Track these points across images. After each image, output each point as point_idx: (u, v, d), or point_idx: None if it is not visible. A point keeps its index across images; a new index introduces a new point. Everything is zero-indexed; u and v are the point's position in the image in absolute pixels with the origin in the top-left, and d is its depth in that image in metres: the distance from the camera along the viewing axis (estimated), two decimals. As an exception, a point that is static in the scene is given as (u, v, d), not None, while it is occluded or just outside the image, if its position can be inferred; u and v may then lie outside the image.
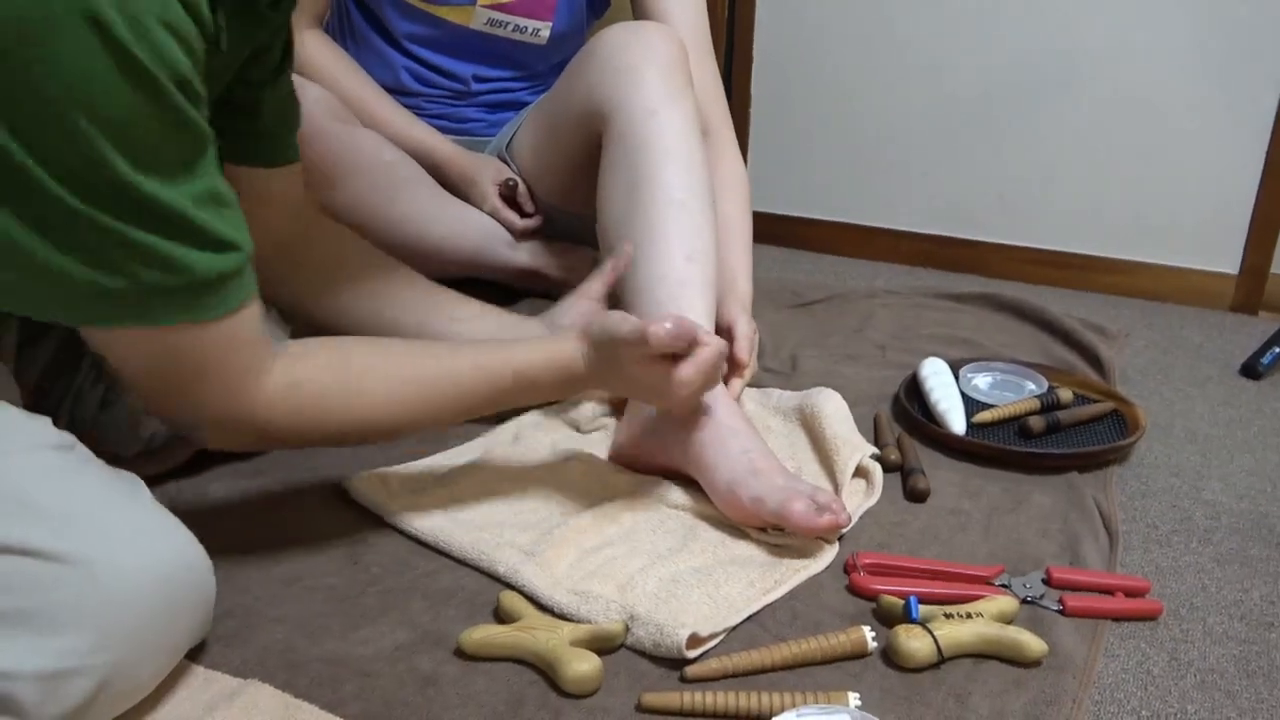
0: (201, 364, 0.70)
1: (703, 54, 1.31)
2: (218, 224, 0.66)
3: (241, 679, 0.71)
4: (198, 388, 0.71)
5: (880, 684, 0.73)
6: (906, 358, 1.33)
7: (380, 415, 0.81)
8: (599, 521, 0.90)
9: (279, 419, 0.75)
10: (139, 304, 0.65)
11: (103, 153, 0.58)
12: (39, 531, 0.59)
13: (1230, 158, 1.64)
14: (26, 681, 0.58)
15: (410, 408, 0.82)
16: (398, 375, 0.81)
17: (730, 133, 1.33)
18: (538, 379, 0.86)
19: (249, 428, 0.75)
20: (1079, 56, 1.69)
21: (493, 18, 1.38)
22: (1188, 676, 0.76)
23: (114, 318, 0.65)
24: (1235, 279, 1.68)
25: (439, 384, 0.83)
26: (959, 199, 1.87)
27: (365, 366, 0.80)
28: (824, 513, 0.84)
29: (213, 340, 0.69)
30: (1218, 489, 1.05)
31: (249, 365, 0.73)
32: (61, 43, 0.55)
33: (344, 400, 0.78)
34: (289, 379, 0.75)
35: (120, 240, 0.61)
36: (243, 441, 0.78)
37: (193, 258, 0.65)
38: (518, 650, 0.74)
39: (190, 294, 0.66)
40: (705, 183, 1.08)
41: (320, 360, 0.78)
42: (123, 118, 0.58)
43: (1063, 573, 0.85)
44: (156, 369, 0.70)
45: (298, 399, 0.76)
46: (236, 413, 0.73)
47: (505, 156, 1.42)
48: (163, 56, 0.59)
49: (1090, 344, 1.36)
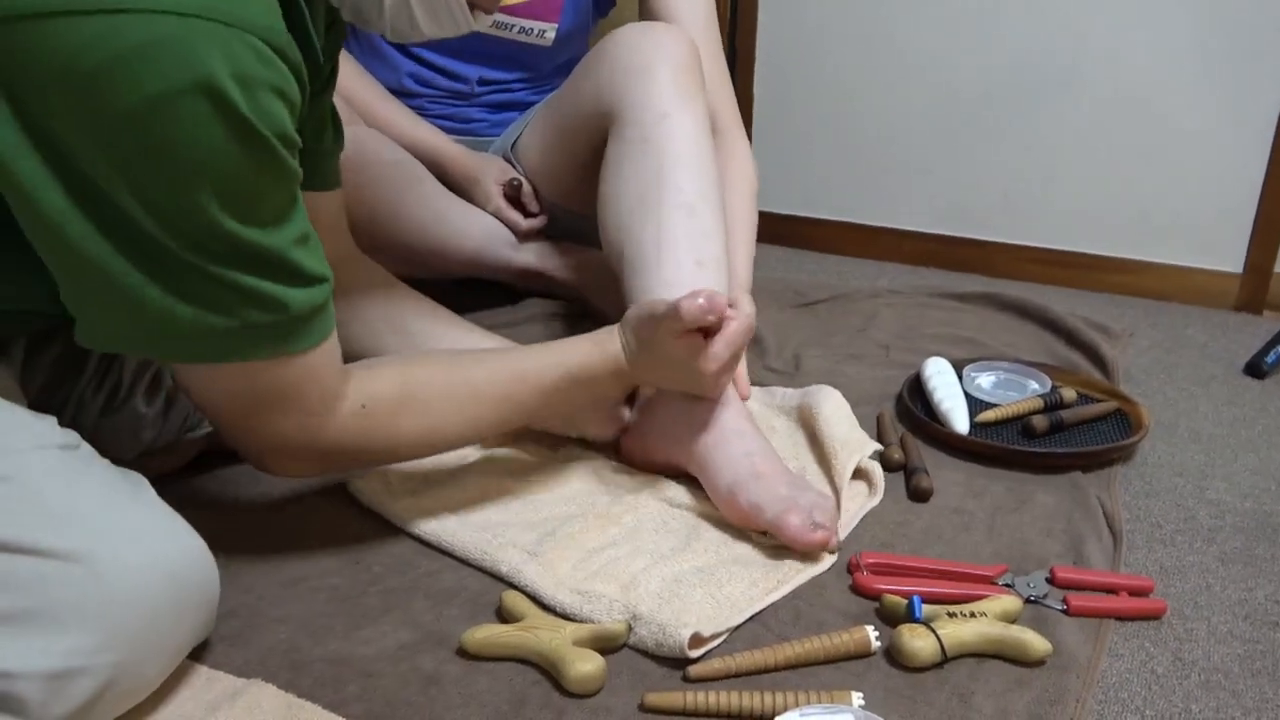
0: (284, 393, 0.72)
1: (712, 52, 1.31)
2: (310, 260, 0.69)
3: (244, 679, 0.71)
4: (278, 417, 0.73)
5: (884, 683, 0.73)
6: (910, 357, 1.33)
7: (449, 429, 0.84)
8: (601, 521, 0.90)
9: (350, 442, 0.78)
10: (240, 341, 0.67)
11: (217, 213, 0.61)
12: (45, 530, 0.60)
13: (1234, 157, 1.63)
14: (31, 680, 0.58)
15: (475, 419, 0.85)
16: (461, 388, 0.84)
17: (740, 131, 1.33)
18: (591, 374, 0.89)
19: (322, 452, 0.77)
20: (1083, 55, 1.69)
21: (498, 19, 1.37)
22: (1192, 676, 0.76)
23: (215, 355, 0.68)
24: (1239, 278, 1.68)
25: (500, 392, 0.85)
26: (962, 198, 1.87)
27: (429, 383, 0.82)
28: (818, 530, 0.84)
29: (298, 371, 0.72)
30: (1222, 488, 1.04)
31: (327, 393, 0.75)
32: (184, 113, 0.57)
33: (413, 420, 0.81)
34: (360, 401, 0.78)
35: (229, 285, 0.64)
36: (315, 466, 0.80)
37: (290, 294, 0.68)
38: (521, 650, 0.74)
39: (287, 328, 0.69)
40: (716, 188, 1.08)
41: (386, 380, 0.80)
42: (235, 178, 0.61)
43: (1066, 572, 0.85)
44: (241, 399, 0.72)
45: (370, 422, 0.78)
46: (311, 439, 0.76)
47: (510, 157, 1.42)
48: (272, 119, 0.62)
49: (1094, 343, 1.36)
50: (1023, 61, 1.74)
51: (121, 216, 0.60)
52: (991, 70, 1.77)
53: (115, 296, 0.63)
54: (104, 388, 0.89)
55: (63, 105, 0.56)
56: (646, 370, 0.91)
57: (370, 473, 0.97)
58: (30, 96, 0.56)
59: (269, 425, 0.74)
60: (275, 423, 0.74)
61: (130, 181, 0.59)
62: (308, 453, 0.77)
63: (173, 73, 0.56)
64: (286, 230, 0.67)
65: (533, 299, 1.50)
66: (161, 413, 0.93)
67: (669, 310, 0.86)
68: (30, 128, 0.57)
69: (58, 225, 0.60)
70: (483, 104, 1.47)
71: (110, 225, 0.60)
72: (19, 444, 0.63)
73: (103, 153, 0.58)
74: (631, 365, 0.90)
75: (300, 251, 0.68)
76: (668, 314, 0.86)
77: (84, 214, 0.60)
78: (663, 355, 0.89)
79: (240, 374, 0.70)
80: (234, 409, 0.73)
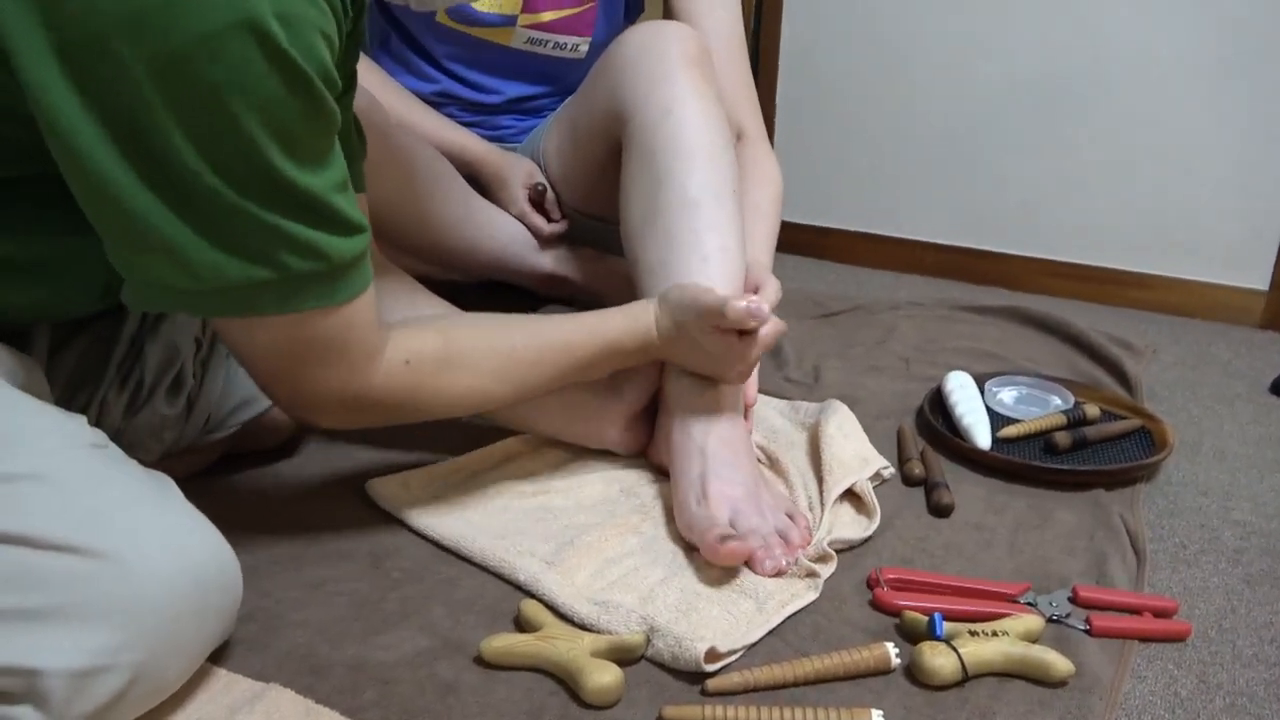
0: (327, 345, 0.73)
1: (737, 59, 1.31)
2: (349, 208, 0.70)
3: (263, 683, 0.71)
4: (321, 369, 0.74)
5: (903, 701, 0.72)
6: (931, 370, 1.32)
7: (488, 387, 0.86)
8: (620, 531, 0.90)
9: (395, 394, 0.79)
10: (284, 292, 0.68)
11: (264, 150, 0.62)
12: (73, 528, 0.60)
13: (1261, 171, 1.62)
14: (57, 678, 0.58)
15: (512, 379, 0.87)
16: (501, 348, 0.86)
17: (764, 139, 1.31)
18: (621, 344, 0.92)
19: (366, 405, 0.78)
20: (1106, 67, 1.68)
21: (533, 36, 1.37)
22: (1216, 699, 0.75)
23: (259, 307, 0.68)
24: (1265, 295, 1.66)
25: (536, 354, 0.88)
26: (983, 211, 1.86)
27: (469, 341, 0.85)
28: (729, 540, 0.83)
29: (341, 322, 0.72)
30: (1247, 509, 1.03)
31: (369, 344, 0.76)
32: (231, 50, 0.58)
33: (454, 375, 0.83)
34: (402, 355, 0.79)
35: (275, 232, 0.65)
36: (357, 418, 0.81)
37: (334, 243, 0.68)
38: (538, 660, 0.73)
39: (330, 279, 0.70)
40: (726, 178, 1.06)
41: (428, 337, 0.82)
42: (281, 115, 0.62)
43: (1089, 591, 0.84)
44: (284, 352, 0.72)
45: (413, 375, 0.80)
46: (356, 390, 0.77)
47: (539, 159, 1.42)
48: (314, 57, 0.62)
49: (1117, 359, 1.35)
50: (1046, 74, 1.73)
51: (171, 166, 0.60)
52: (1014, 82, 1.76)
53: (163, 252, 0.63)
54: (126, 388, 0.90)
55: (114, 52, 0.56)
56: (674, 350, 0.94)
57: (390, 476, 0.97)
58: (81, 47, 0.57)
59: (311, 378, 0.74)
60: (318, 376, 0.74)
61: (182, 123, 0.59)
62: (349, 405, 0.78)
63: (218, 12, 0.57)
64: (328, 174, 0.67)
65: (552, 305, 1.50)
66: (183, 414, 0.94)
67: (714, 305, 0.89)
68: (81, 83, 0.57)
69: (108, 180, 0.60)
70: (512, 112, 1.47)
71: (159, 176, 0.61)
72: (51, 443, 0.64)
73: (156, 95, 0.58)
74: (662, 342, 0.93)
75: (340, 197, 0.68)
76: (711, 308, 0.89)
77: (133, 168, 0.60)
78: (694, 341, 0.92)
79: (283, 326, 0.70)
80: (276, 362, 0.73)
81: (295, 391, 0.76)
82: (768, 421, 1.12)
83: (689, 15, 1.30)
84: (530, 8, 1.35)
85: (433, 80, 1.42)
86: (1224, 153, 1.63)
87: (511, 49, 1.38)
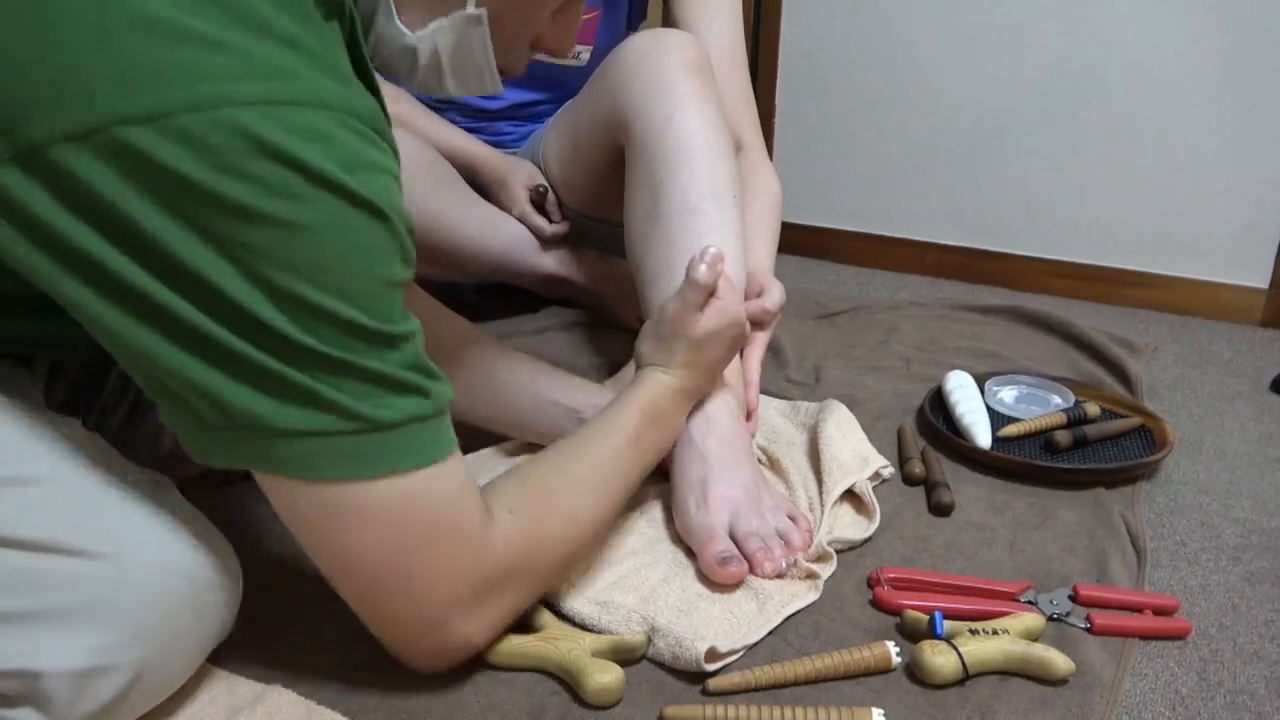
0: (444, 512, 0.63)
1: (737, 70, 1.31)
2: (426, 356, 0.63)
3: (264, 684, 0.71)
4: (434, 549, 0.63)
5: (904, 700, 0.72)
6: (931, 370, 1.32)
7: (587, 518, 0.76)
8: (621, 531, 0.90)
9: (514, 559, 0.68)
10: (395, 441, 0.60)
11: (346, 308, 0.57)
12: (72, 530, 0.60)
13: (1260, 171, 1.62)
14: (59, 678, 0.58)
15: (600, 505, 0.77)
16: (575, 477, 0.76)
17: (763, 151, 1.32)
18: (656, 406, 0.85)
19: (488, 584, 0.67)
20: (1107, 68, 1.68)
21: None
22: (1217, 697, 0.75)
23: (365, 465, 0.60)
24: (1265, 294, 1.66)
25: (610, 466, 0.79)
26: (985, 211, 1.86)
27: (545, 483, 0.74)
28: (727, 564, 0.81)
29: (452, 484, 0.63)
30: (1248, 506, 1.03)
31: (483, 512, 0.66)
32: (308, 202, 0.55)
33: (554, 508, 0.73)
34: (502, 505, 0.68)
35: (371, 373, 0.58)
36: (483, 612, 0.68)
37: (431, 386, 0.62)
38: (540, 661, 0.73)
39: (435, 426, 0.62)
40: (727, 183, 1.06)
41: (506, 482, 0.72)
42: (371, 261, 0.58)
43: (1090, 590, 0.84)
44: (392, 533, 0.61)
45: (525, 524, 0.69)
46: (476, 566, 0.65)
47: (539, 162, 1.42)
48: (392, 202, 0.59)
49: (1117, 358, 1.35)
50: (1047, 74, 1.73)
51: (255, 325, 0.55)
52: (1015, 82, 1.76)
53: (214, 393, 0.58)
54: (125, 400, 0.90)
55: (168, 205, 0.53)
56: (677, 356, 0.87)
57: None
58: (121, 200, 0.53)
59: (433, 561, 0.62)
60: (438, 556, 0.63)
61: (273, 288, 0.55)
62: (473, 588, 0.65)
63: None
64: (411, 320, 0.62)
65: (553, 307, 1.50)
66: None
67: (683, 287, 0.86)
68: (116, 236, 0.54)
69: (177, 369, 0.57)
70: (511, 118, 1.48)
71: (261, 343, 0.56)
72: (47, 445, 0.64)
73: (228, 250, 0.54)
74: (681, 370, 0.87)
75: (420, 342, 0.62)
76: (683, 289, 0.86)
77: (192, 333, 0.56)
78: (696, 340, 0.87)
79: (397, 492, 0.61)
80: (383, 552, 0.62)
81: (412, 601, 0.64)
82: (768, 422, 1.12)
83: (690, 26, 1.31)
84: None
85: None
86: (1224, 151, 1.64)
87: None
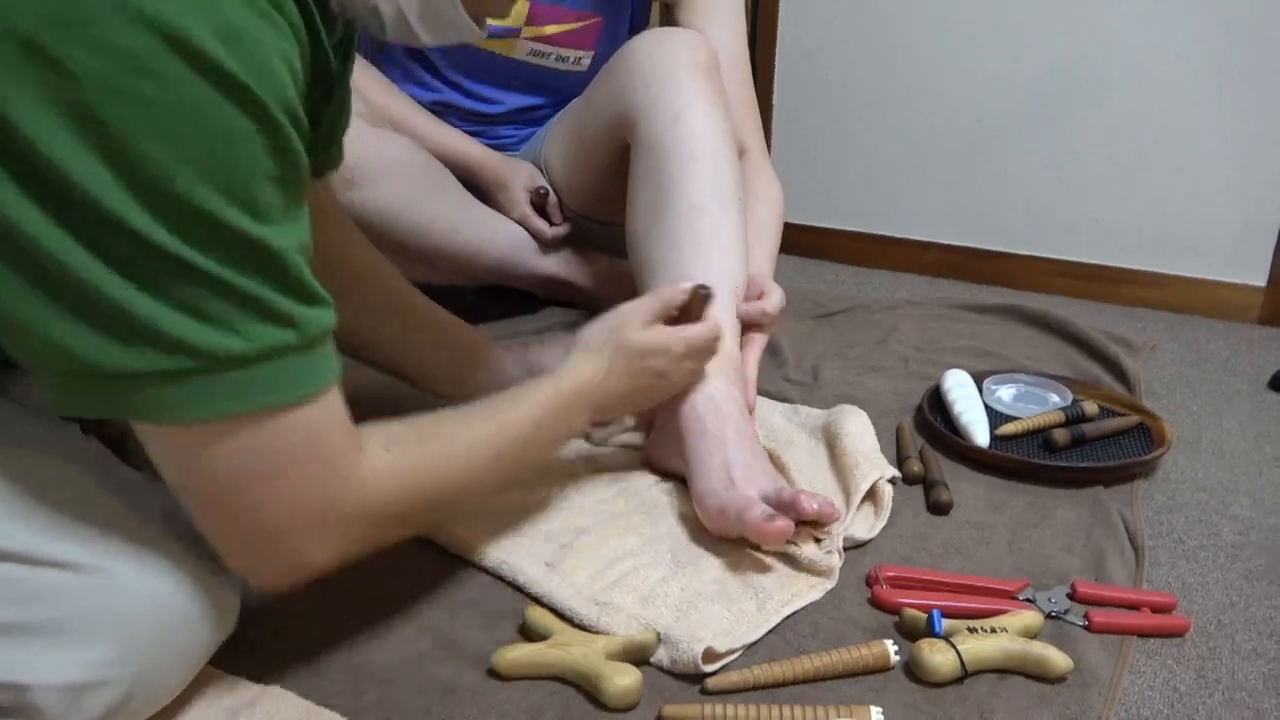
0: (309, 441, 0.59)
1: (742, 78, 1.31)
2: (311, 275, 0.58)
3: (263, 685, 0.71)
4: (297, 475, 0.59)
5: (903, 698, 0.72)
6: (930, 369, 1.32)
7: (464, 478, 0.73)
8: (620, 531, 0.90)
9: (384, 493, 0.65)
10: (254, 376, 0.55)
11: (205, 196, 0.52)
12: (64, 543, 0.59)
13: (1259, 170, 1.62)
14: (49, 693, 0.58)
15: (476, 470, 0.75)
16: (462, 435, 0.74)
17: (765, 158, 1.33)
18: (566, 401, 0.84)
19: (351, 515, 0.63)
20: (1107, 68, 1.69)
21: (535, 48, 1.37)
22: (1215, 694, 0.75)
23: (234, 403, 0.55)
24: (1263, 292, 1.66)
25: (500, 436, 0.76)
26: (984, 210, 1.86)
27: (432, 431, 0.71)
28: (774, 519, 0.80)
29: (320, 417, 0.59)
30: (1246, 504, 1.03)
31: (351, 443, 0.62)
32: (172, 82, 0.49)
33: (439, 450, 0.71)
34: (379, 441, 0.65)
35: (237, 292, 0.53)
36: (345, 542, 0.64)
37: (303, 313, 0.56)
38: (556, 668, 0.73)
39: (305, 358, 0.57)
40: (732, 185, 1.07)
41: (392, 430, 0.68)
42: (234, 151, 0.52)
43: (1088, 588, 0.84)
44: (250, 463, 0.57)
45: (401, 460, 0.66)
46: (346, 506, 0.62)
47: (541, 164, 1.42)
48: (273, 85, 0.53)
49: (1115, 357, 1.35)
50: (1046, 74, 1.74)
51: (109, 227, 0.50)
52: (1014, 82, 1.77)
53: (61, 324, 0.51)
54: None
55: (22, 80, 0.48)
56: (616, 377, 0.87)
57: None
58: None
59: (286, 490, 0.59)
60: (294, 485, 0.59)
61: (127, 177, 0.50)
62: (335, 519, 0.62)
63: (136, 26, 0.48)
64: (295, 232, 0.56)
65: (553, 308, 1.50)
66: None
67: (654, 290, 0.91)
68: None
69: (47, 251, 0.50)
70: (511, 123, 1.48)
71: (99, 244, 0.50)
72: (42, 456, 0.63)
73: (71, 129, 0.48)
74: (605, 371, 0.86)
75: (304, 261, 0.57)
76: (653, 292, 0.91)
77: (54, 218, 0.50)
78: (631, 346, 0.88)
79: (246, 431, 0.56)
80: (238, 479, 0.57)
81: (264, 515, 0.59)
82: (767, 422, 1.12)
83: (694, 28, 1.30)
84: (534, 20, 1.35)
85: (433, 89, 1.43)
86: (1224, 151, 1.64)
87: (514, 60, 1.38)
